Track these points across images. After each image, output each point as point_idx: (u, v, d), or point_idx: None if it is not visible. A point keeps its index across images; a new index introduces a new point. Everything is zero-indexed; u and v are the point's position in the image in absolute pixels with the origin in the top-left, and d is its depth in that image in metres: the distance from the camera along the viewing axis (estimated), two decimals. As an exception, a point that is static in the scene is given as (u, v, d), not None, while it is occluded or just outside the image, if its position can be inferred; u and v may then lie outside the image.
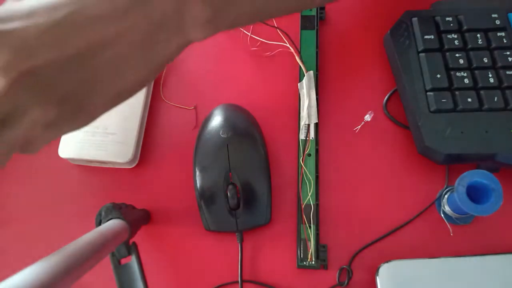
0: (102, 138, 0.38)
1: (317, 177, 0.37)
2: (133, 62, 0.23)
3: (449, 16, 0.38)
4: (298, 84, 0.40)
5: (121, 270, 0.30)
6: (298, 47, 0.41)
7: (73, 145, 0.38)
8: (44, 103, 0.21)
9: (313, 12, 0.42)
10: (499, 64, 0.36)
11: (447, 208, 0.34)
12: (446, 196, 0.35)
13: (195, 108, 0.41)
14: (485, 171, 0.30)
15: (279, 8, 0.27)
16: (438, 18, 0.38)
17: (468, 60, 0.37)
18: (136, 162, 0.39)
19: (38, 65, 0.20)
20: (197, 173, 0.36)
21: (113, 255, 0.30)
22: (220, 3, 0.23)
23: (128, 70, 0.23)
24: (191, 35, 0.23)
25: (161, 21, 0.22)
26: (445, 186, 0.36)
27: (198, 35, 0.24)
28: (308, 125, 0.38)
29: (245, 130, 0.37)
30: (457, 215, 0.34)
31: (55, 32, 0.20)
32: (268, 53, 0.42)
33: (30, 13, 0.20)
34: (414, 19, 0.39)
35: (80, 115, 0.23)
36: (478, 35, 0.37)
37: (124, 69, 0.23)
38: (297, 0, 0.28)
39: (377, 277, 0.33)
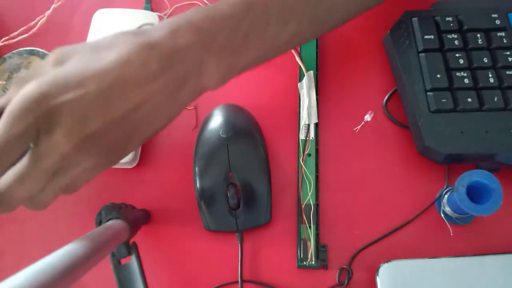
0: (102, 138, 0.38)
1: (317, 177, 0.37)
2: (162, 112, 0.27)
3: (449, 16, 0.38)
4: (298, 84, 0.40)
5: (121, 270, 0.30)
6: (298, 47, 0.41)
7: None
8: (95, 156, 0.25)
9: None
10: (499, 64, 0.36)
11: (447, 208, 0.34)
12: (446, 196, 0.34)
13: (195, 108, 0.41)
14: (485, 171, 0.30)
15: (279, 51, 0.32)
16: (438, 18, 0.38)
17: (468, 60, 0.37)
18: (136, 162, 0.39)
19: (93, 130, 0.24)
20: (197, 173, 0.36)
21: (113, 255, 0.30)
22: (230, 62, 0.28)
23: (159, 119, 0.27)
24: (206, 87, 0.28)
25: (184, 80, 0.27)
26: (445, 186, 0.36)
27: (212, 86, 0.29)
28: (308, 125, 0.38)
29: (245, 130, 0.37)
30: (457, 215, 0.34)
31: (104, 100, 0.24)
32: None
33: (81, 83, 0.24)
34: (414, 19, 0.39)
35: (119, 157, 0.28)
36: (478, 35, 0.37)
37: (156, 119, 0.27)
38: (291, 42, 0.32)
39: (377, 277, 0.33)
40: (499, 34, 0.37)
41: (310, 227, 0.35)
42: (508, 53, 0.36)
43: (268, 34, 0.30)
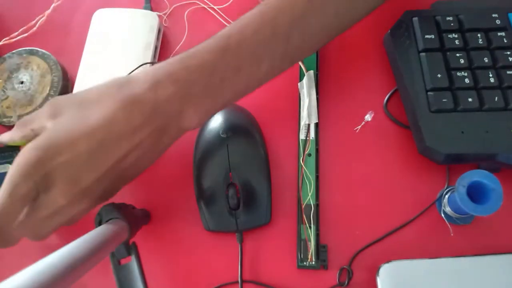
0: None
1: (317, 177, 0.37)
2: (147, 157, 0.30)
3: (449, 16, 0.38)
4: (298, 84, 0.40)
5: (121, 270, 0.30)
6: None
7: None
8: (89, 202, 0.29)
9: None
10: (500, 64, 0.36)
11: (447, 208, 0.34)
12: (446, 196, 0.34)
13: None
14: (485, 171, 0.30)
15: (254, 87, 0.33)
16: (438, 18, 0.38)
17: (469, 59, 0.37)
18: (136, 162, 0.39)
19: (85, 186, 0.27)
20: (197, 173, 0.36)
21: (113, 255, 0.30)
22: (208, 106, 0.31)
23: (144, 162, 0.31)
24: (186, 129, 0.31)
25: (165, 128, 0.29)
26: (445, 186, 0.36)
27: (192, 127, 0.31)
28: (308, 125, 0.38)
29: (245, 130, 0.37)
30: (457, 215, 0.34)
31: (94, 158, 0.27)
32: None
33: (72, 144, 0.27)
34: (415, 19, 0.38)
35: (111, 196, 0.31)
36: (479, 35, 0.37)
37: (141, 163, 0.30)
38: (265, 78, 0.33)
39: (378, 277, 0.33)
40: (499, 34, 0.37)
41: (310, 227, 0.35)
42: (508, 53, 0.36)
43: (242, 77, 0.31)
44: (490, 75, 0.36)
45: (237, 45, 0.30)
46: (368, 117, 0.39)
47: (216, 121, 0.37)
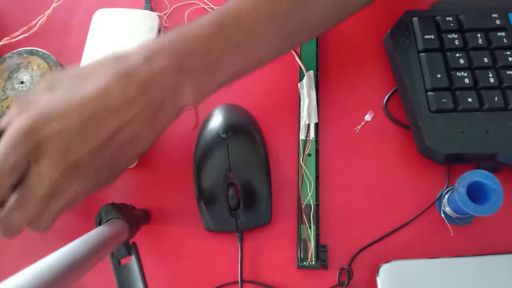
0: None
1: (317, 177, 0.37)
2: (144, 135, 0.29)
3: (449, 16, 0.38)
4: (298, 84, 0.40)
5: (121, 270, 0.30)
6: (298, 47, 0.41)
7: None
8: (83, 180, 0.28)
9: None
10: (500, 64, 0.36)
11: (447, 208, 0.34)
12: (446, 196, 0.34)
13: (195, 108, 0.41)
14: (485, 171, 0.30)
15: (253, 68, 0.33)
16: (438, 18, 0.38)
17: (469, 60, 0.37)
18: (136, 162, 0.39)
19: (77, 159, 0.26)
20: (197, 173, 0.36)
21: (113, 255, 0.30)
22: (204, 82, 0.30)
23: (141, 141, 0.29)
24: (183, 106, 0.30)
25: (161, 103, 0.28)
26: (445, 186, 0.36)
27: (189, 104, 0.30)
28: (308, 125, 0.38)
29: (245, 130, 0.37)
30: (457, 215, 0.34)
31: (85, 130, 0.26)
32: (268, 53, 0.42)
33: (64, 115, 0.26)
34: (414, 19, 0.39)
35: (110, 177, 0.30)
36: (479, 35, 0.37)
37: (138, 141, 0.29)
38: (264, 59, 0.33)
39: (378, 277, 0.33)
40: (499, 34, 0.37)
41: (310, 227, 0.35)
42: (508, 53, 0.36)
43: (240, 55, 0.31)
44: (490, 75, 0.36)
45: (235, 20, 0.30)
46: (368, 117, 0.39)
47: (216, 121, 0.37)
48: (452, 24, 0.38)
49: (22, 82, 0.41)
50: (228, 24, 0.30)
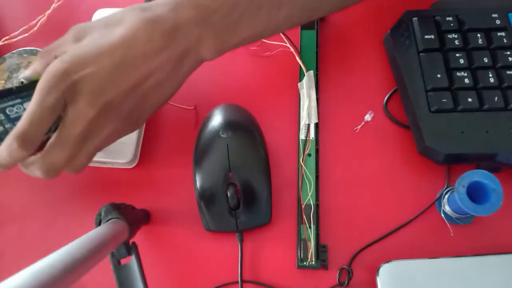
0: (102, 138, 0.38)
1: (317, 177, 0.37)
2: (168, 82, 0.30)
3: (449, 16, 0.38)
4: (298, 84, 0.40)
5: (121, 270, 0.30)
6: (298, 47, 0.41)
7: (73, 145, 0.38)
8: (115, 121, 0.29)
9: (313, 12, 0.42)
10: (500, 64, 0.36)
11: (447, 208, 0.34)
12: (446, 196, 0.34)
13: (195, 108, 0.41)
14: (485, 171, 0.30)
15: (271, 32, 0.34)
16: (438, 18, 0.38)
17: (469, 60, 0.37)
18: (136, 162, 0.39)
19: (110, 99, 0.28)
20: (197, 173, 0.36)
21: (113, 255, 0.30)
22: (226, 38, 0.31)
23: (166, 88, 0.31)
24: (204, 58, 0.31)
25: (185, 52, 0.30)
26: (445, 186, 0.36)
27: (209, 58, 0.31)
28: (308, 125, 0.38)
29: (245, 130, 0.37)
30: (457, 215, 0.34)
31: (117, 72, 0.28)
32: (268, 53, 0.42)
33: (96, 59, 0.28)
34: (415, 19, 0.38)
35: (137, 123, 0.32)
36: (479, 35, 0.37)
37: (163, 88, 0.31)
38: (283, 25, 0.34)
39: (378, 277, 0.33)
40: (499, 34, 0.37)
41: (310, 227, 0.35)
42: (508, 53, 0.36)
43: (261, 17, 0.32)
44: (490, 75, 0.36)
45: None
46: (368, 117, 0.39)
47: (216, 121, 0.37)
48: (452, 24, 0.38)
49: (22, 83, 0.41)
50: None
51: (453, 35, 0.37)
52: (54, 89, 0.27)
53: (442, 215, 0.34)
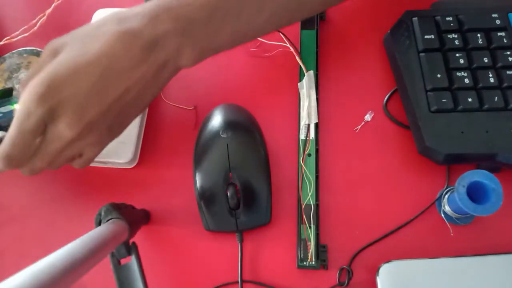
0: (102, 138, 0.38)
1: (317, 177, 0.37)
2: (148, 91, 0.30)
3: (449, 16, 0.38)
4: (298, 84, 0.40)
5: (121, 270, 0.30)
6: (298, 47, 0.41)
7: (73, 145, 0.38)
8: (96, 135, 0.30)
9: (313, 12, 0.42)
10: (500, 64, 0.36)
11: (447, 208, 0.34)
12: (446, 196, 0.34)
13: (195, 108, 0.41)
14: (485, 171, 0.30)
15: (253, 36, 0.34)
16: (438, 18, 0.38)
17: (469, 60, 0.37)
18: (136, 162, 0.39)
19: (90, 119, 0.28)
20: (197, 173, 0.36)
21: (113, 255, 0.30)
22: (205, 45, 0.31)
23: (145, 96, 0.31)
24: (183, 66, 0.31)
25: (164, 63, 0.30)
26: (445, 186, 0.36)
27: (188, 65, 0.31)
28: (308, 125, 0.38)
29: (245, 130, 0.37)
30: (457, 215, 0.34)
31: (95, 91, 0.28)
32: (268, 53, 0.42)
33: (73, 79, 0.27)
34: (415, 19, 0.38)
35: (117, 132, 0.32)
36: (479, 35, 0.37)
37: (143, 97, 0.31)
38: (265, 28, 0.34)
39: (378, 277, 0.33)
40: (499, 34, 0.37)
41: (310, 227, 0.35)
42: (508, 53, 0.36)
43: (241, 22, 0.32)
44: (490, 75, 0.36)
45: None
46: (368, 117, 0.39)
47: (216, 121, 0.37)
48: (452, 24, 0.38)
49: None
50: None
51: (453, 35, 0.37)
52: (32, 114, 0.27)
53: (442, 215, 0.34)
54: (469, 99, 0.35)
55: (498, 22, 0.37)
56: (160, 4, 0.30)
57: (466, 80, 0.36)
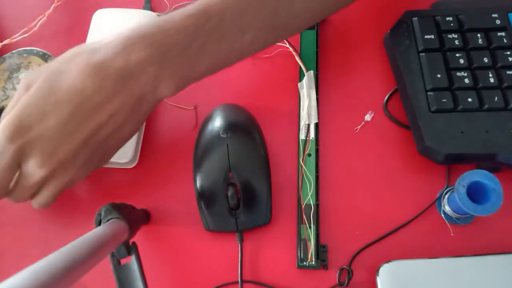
0: (102, 138, 0.38)
1: (317, 177, 0.37)
2: (128, 124, 0.29)
3: (449, 16, 0.38)
4: (298, 84, 0.40)
5: (121, 270, 0.30)
6: (298, 47, 0.41)
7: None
8: (72, 170, 0.29)
9: (313, 12, 0.42)
10: (499, 64, 0.36)
11: (447, 208, 0.34)
12: (446, 196, 0.34)
13: (195, 108, 0.41)
14: (485, 171, 0.30)
15: (236, 59, 0.32)
16: (438, 18, 0.38)
17: (469, 60, 0.37)
18: (136, 162, 0.39)
19: (60, 158, 0.27)
20: (197, 173, 0.36)
21: (113, 255, 0.30)
22: (185, 73, 0.29)
23: (126, 129, 0.30)
24: (164, 95, 0.30)
25: (141, 94, 0.28)
26: (445, 186, 0.36)
27: (170, 95, 0.30)
28: (308, 125, 0.38)
29: (245, 130, 0.37)
30: (457, 215, 0.34)
31: (64, 131, 0.27)
32: (267, 54, 0.42)
33: (42, 117, 0.27)
34: (414, 19, 0.38)
35: (99, 164, 0.32)
36: (479, 35, 0.37)
37: (123, 130, 0.30)
38: (249, 50, 0.32)
39: (378, 277, 0.33)
40: (499, 34, 0.37)
41: (310, 227, 0.35)
42: (508, 53, 0.36)
43: (224, 46, 0.30)
44: (490, 75, 0.36)
45: (220, 12, 0.29)
46: (368, 117, 0.39)
47: (216, 121, 0.37)
48: (452, 24, 0.38)
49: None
50: (213, 15, 0.29)
51: (453, 35, 0.37)
52: (4, 152, 0.27)
53: (442, 215, 0.34)
54: (469, 99, 0.35)
55: (498, 22, 0.37)
56: (135, 31, 0.28)
57: (466, 80, 0.36)
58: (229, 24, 0.29)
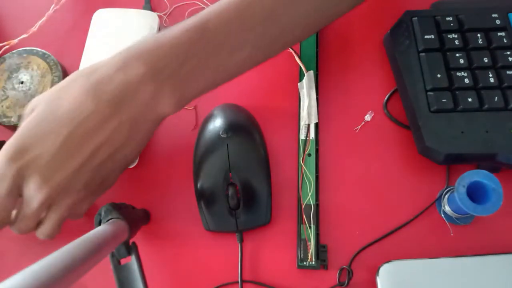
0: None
1: (317, 177, 0.37)
2: (129, 144, 0.29)
3: (449, 16, 0.38)
4: (298, 84, 0.40)
5: (121, 270, 0.30)
6: (298, 47, 0.41)
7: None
8: (73, 194, 0.29)
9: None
10: (500, 64, 0.36)
11: (447, 208, 0.34)
12: (446, 196, 0.34)
13: (195, 108, 0.41)
14: (485, 171, 0.30)
15: (234, 74, 0.32)
16: (438, 18, 0.38)
17: (469, 60, 0.37)
18: (136, 162, 0.39)
19: (59, 181, 0.27)
20: (197, 173, 0.36)
21: (113, 255, 0.30)
22: (184, 89, 0.29)
23: (125, 151, 0.29)
24: (165, 114, 0.30)
25: (140, 113, 0.28)
26: (445, 186, 0.36)
27: (171, 113, 0.30)
28: (308, 125, 0.38)
29: (245, 130, 0.37)
30: (457, 215, 0.34)
31: (62, 153, 0.27)
32: (268, 53, 0.42)
33: (41, 139, 0.27)
34: (415, 19, 0.38)
35: (103, 186, 0.31)
36: (479, 35, 0.37)
37: (124, 151, 0.29)
38: (245, 65, 0.32)
39: (378, 277, 0.33)
40: (499, 34, 0.37)
41: (310, 227, 0.35)
42: (508, 53, 0.36)
43: (221, 61, 0.30)
44: (490, 75, 0.36)
45: (215, 27, 0.29)
46: (368, 117, 0.39)
47: (216, 121, 0.37)
48: (452, 24, 0.38)
49: (22, 82, 0.41)
50: (209, 30, 0.29)
51: (453, 35, 0.37)
52: (4, 177, 0.27)
53: (442, 215, 0.34)
54: (469, 99, 0.35)
55: (498, 22, 0.37)
56: (131, 51, 0.28)
57: (466, 80, 0.36)
58: (224, 40, 0.29)
